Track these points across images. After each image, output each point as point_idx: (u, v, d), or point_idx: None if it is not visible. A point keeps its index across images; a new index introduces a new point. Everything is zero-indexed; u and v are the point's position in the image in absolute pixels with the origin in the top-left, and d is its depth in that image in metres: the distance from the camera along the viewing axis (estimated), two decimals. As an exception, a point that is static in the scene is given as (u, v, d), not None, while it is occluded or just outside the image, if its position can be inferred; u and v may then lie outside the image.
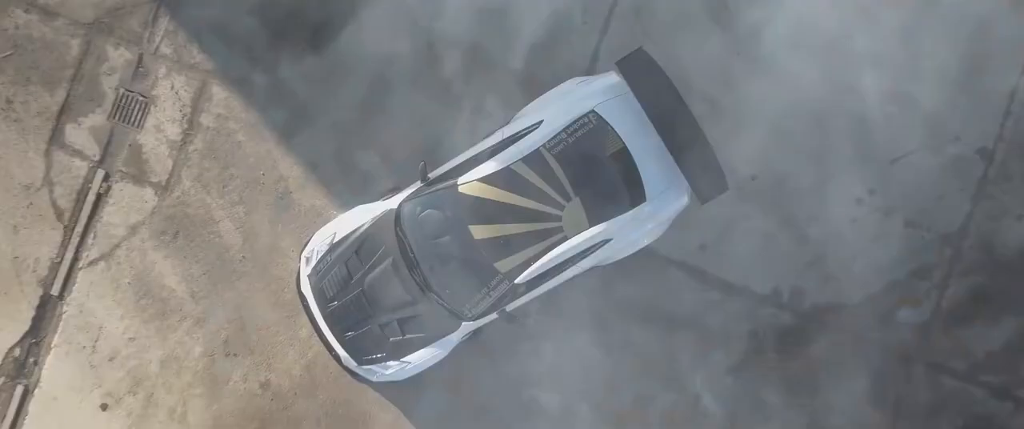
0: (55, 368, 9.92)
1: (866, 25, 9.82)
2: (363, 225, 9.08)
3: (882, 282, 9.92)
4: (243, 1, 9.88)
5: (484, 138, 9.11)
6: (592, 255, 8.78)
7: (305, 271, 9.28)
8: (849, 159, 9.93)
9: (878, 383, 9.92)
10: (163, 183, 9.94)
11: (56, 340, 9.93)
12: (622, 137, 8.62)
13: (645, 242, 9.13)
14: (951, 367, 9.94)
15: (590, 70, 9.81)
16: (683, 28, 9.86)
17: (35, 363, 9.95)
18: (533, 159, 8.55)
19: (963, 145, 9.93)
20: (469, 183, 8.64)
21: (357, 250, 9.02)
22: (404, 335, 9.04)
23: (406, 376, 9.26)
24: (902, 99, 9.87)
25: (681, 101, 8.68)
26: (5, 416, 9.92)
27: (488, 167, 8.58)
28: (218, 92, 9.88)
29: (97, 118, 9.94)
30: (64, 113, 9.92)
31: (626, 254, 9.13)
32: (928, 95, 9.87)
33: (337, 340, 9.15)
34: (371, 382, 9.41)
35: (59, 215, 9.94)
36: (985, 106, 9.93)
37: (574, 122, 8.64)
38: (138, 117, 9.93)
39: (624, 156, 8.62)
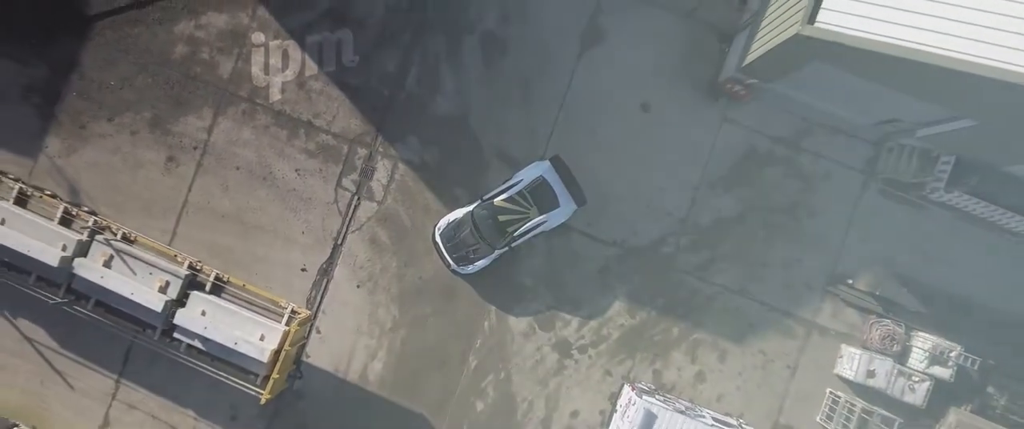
0: (339, 272, 25.87)
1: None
2: (459, 215, 25.00)
3: (658, 235, 25.72)
4: (406, 131, 25.79)
5: (502, 183, 24.94)
6: (540, 227, 24.68)
7: (437, 233, 25.23)
8: (649, 193, 25.71)
9: (654, 275, 25.74)
10: (380, 200, 25.87)
11: (339, 260, 25.90)
12: (551, 185, 24.54)
13: (562, 221, 24.97)
14: (689, 270, 25.73)
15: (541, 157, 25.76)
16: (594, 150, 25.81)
17: (330, 270, 25.92)
18: (519, 193, 24.46)
19: (701, 188, 25.68)
20: (497, 199, 24.55)
21: (458, 224, 24.96)
22: (475, 255, 24.97)
23: (475, 271, 25.20)
24: (679, 175, 25.67)
25: (571, 174, 24.62)
26: (319, 291, 25.88)
27: (503, 195, 24.52)
28: (401, 166, 25.82)
29: (354, 176, 25.91)
30: (342, 173, 25.87)
31: (553, 226, 25.02)
32: (685, 174, 25.71)
33: (450, 257, 25.13)
34: (462, 274, 25.42)
35: (341, 213, 25.90)
36: (695, 163, 25.68)
37: (534, 179, 24.55)
38: (370, 175, 25.88)
39: (552, 191, 24.53)
